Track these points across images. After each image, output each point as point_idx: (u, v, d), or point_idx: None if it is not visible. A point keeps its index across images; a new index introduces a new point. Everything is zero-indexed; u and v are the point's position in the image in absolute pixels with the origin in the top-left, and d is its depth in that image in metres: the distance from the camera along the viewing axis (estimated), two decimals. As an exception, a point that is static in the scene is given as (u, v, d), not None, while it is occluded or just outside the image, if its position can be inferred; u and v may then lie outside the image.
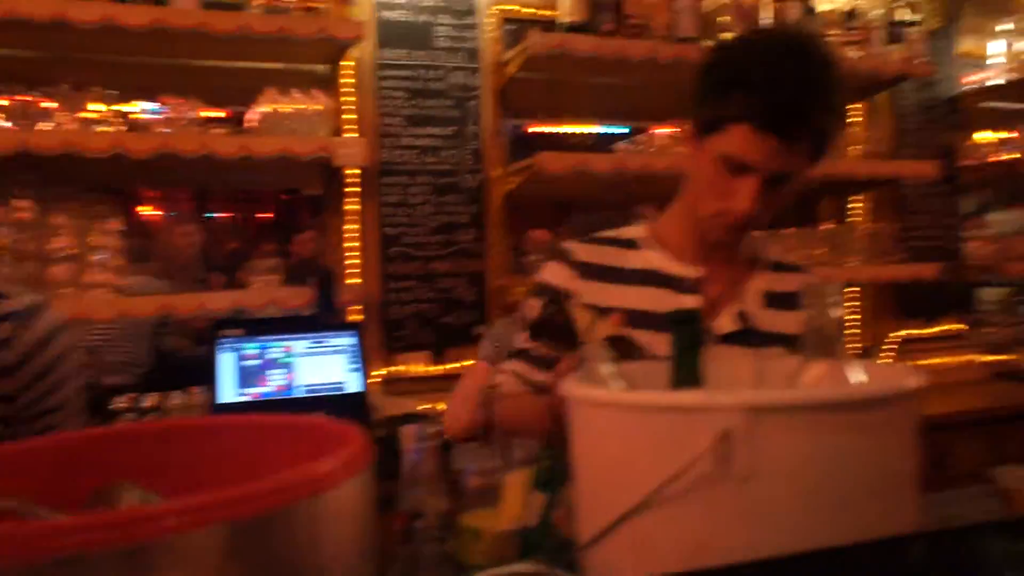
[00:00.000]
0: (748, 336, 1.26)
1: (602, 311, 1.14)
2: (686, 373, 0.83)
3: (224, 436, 0.71)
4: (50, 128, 2.11)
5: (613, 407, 0.72)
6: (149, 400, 2.34)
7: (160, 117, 2.30)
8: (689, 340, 0.85)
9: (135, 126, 2.28)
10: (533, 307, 1.29)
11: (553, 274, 1.32)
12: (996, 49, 3.47)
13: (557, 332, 0.97)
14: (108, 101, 2.25)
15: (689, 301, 1.26)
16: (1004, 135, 3.61)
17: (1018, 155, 3.39)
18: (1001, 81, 3.46)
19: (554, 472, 0.85)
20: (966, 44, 3.54)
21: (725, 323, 1.28)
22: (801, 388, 0.74)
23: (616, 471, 0.72)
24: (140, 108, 2.31)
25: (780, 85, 1.12)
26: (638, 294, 1.26)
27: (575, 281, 1.29)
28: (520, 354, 1.30)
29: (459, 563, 0.85)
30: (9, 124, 2.09)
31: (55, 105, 2.14)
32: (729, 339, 1.27)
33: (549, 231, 4.18)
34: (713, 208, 1.22)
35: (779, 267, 1.39)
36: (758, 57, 1.17)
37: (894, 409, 0.72)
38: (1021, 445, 2.67)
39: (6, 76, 2.19)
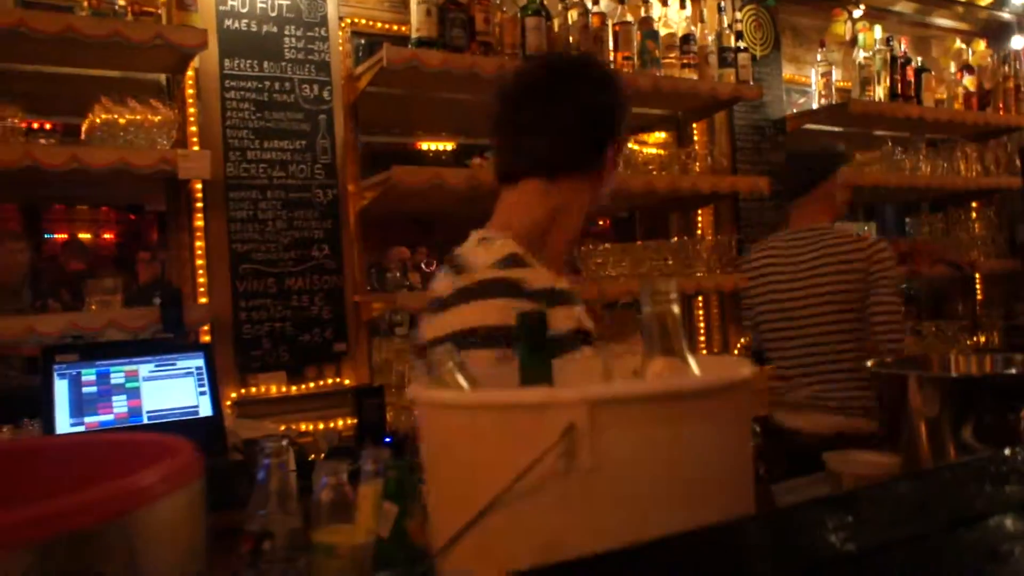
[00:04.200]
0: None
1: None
2: (536, 374, 0.84)
3: (47, 459, 0.65)
4: None
5: (459, 408, 0.72)
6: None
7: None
8: (536, 341, 0.86)
9: (-55, 135, 2.08)
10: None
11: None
12: (814, 77, 3.79)
13: None
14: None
15: (580, 309, 1.29)
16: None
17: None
18: (815, 107, 3.77)
19: (406, 481, 0.84)
20: (789, 71, 3.85)
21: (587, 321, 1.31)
22: (642, 381, 0.76)
23: (466, 473, 0.72)
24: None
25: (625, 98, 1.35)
26: (565, 313, 1.24)
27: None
28: None
29: (310, 581, 0.82)
30: None
31: None
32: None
33: (409, 247, 4.16)
34: (581, 227, 1.33)
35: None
36: (610, 77, 1.35)
37: (728, 398, 0.76)
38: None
39: None
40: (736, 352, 3.49)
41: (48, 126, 2.74)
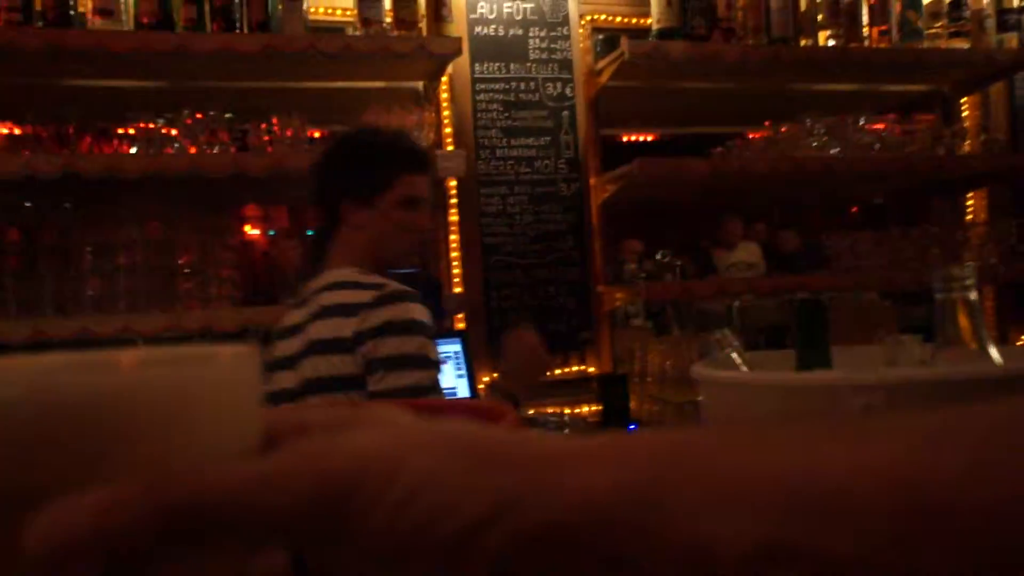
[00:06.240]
0: None
1: None
2: (815, 359, 0.83)
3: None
4: (175, 152, 2.25)
5: (752, 387, 0.73)
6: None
7: (271, 137, 2.41)
8: (815, 327, 0.84)
9: (249, 146, 2.40)
10: None
11: None
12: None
13: None
14: (225, 124, 2.39)
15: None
16: None
17: None
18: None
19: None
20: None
21: None
22: (945, 367, 0.73)
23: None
24: (254, 129, 2.43)
25: (411, 144, 1.81)
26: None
27: None
28: None
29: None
30: (137, 150, 2.26)
31: (176, 131, 2.29)
32: None
33: (642, 238, 4.15)
34: (411, 239, 1.75)
35: None
36: (386, 136, 1.85)
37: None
38: None
39: (134, 106, 2.35)
40: (1013, 350, 3.12)
41: (318, 134, 3.08)
